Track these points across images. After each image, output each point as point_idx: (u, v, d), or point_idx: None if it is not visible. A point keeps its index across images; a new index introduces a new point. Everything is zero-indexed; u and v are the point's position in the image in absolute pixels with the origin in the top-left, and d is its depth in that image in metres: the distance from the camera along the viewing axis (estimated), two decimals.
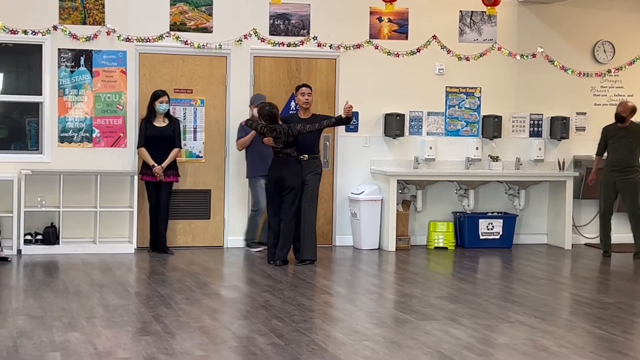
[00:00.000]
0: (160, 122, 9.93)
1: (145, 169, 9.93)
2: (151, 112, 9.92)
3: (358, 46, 10.91)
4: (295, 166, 9.37)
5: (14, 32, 9.90)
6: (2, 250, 9.24)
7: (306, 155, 9.40)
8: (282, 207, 9.35)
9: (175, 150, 9.96)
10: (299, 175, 9.36)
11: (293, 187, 9.33)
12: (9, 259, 9.13)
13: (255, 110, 9.89)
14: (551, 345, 6.23)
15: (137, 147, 9.98)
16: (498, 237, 11.09)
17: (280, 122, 9.32)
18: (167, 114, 9.98)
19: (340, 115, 9.48)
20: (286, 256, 9.39)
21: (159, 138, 9.88)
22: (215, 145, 10.54)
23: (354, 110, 9.67)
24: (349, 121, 9.52)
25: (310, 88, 9.67)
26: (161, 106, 9.87)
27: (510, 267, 9.97)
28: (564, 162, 11.46)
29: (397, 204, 10.78)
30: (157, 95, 9.89)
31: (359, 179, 10.87)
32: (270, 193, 9.49)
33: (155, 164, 9.80)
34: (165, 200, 10.00)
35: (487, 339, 6.40)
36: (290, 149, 9.34)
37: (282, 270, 9.08)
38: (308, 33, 10.76)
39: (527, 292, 8.25)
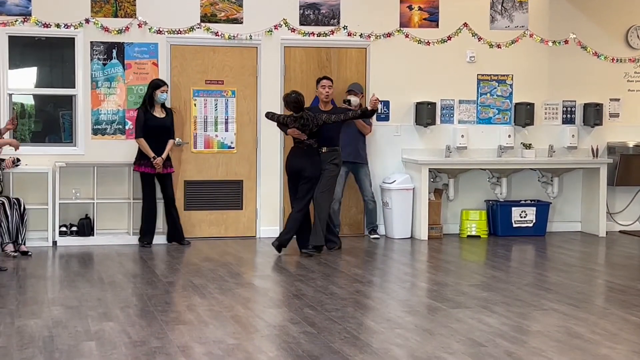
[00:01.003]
0: (159, 113, 9.91)
1: (142, 160, 9.84)
2: (150, 102, 9.86)
3: (388, 35, 10.88)
4: (316, 158, 9.35)
5: (46, 25, 9.99)
6: (24, 244, 9.30)
7: (325, 148, 9.37)
8: (296, 196, 9.39)
9: (171, 141, 9.98)
10: (318, 167, 9.34)
11: (310, 178, 9.30)
12: (30, 254, 9.22)
13: (353, 99, 10.03)
14: (585, 332, 6.19)
15: (136, 138, 9.90)
16: (531, 225, 11.03)
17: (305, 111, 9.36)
18: (162, 105, 9.94)
19: (366, 107, 9.42)
20: (286, 243, 9.37)
21: (159, 129, 9.84)
22: (247, 136, 10.58)
23: (384, 99, 9.65)
24: (374, 113, 9.49)
25: (331, 80, 9.73)
26: (162, 95, 9.84)
27: (544, 255, 9.90)
28: (597, 149, 11.37)
29: (429, 193, 10.75)
30: (157, 84, 9.85)
31: (391, 168, 10.86)
32: (289, 183, 9.53)
33: (156, 156, 9.79)
34: (172, 192, 10.01)
35: (520, 326, 6.38)
36: (312, 139, 9.33)
37: (314, 260, 9.10)
38: (338, 22, 10.75)
39: (560, 280, 8.20)
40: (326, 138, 9.40)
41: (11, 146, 8.86)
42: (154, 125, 9.81)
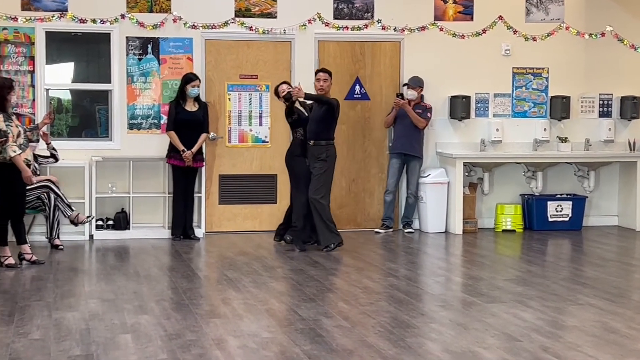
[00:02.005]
0: (190, 107, 9.93)
1: (173, 153, 9.90)
2: (182, 96, 9.90)
3: (423, 28, 10.84)
4: (292, 148, 9.45)
5: (83, 21, 10.07)
6: (58, 238, 9.41)
7: (312, 141, 9.27)
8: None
9: (204, 135, 9.99)
10: (290, 157, 9.41)
11: (288, 170, 9.52)
12: (62, 247, 9.31)
13: (410, 92, 10.20)
14: (621, 328, 6.14)
15: (167, 131, 9.96)
16: (567, 219, 10.95)
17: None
18: (197, 99, 9.98)
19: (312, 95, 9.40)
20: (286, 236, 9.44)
21: (190, 122, 9.86)
22: (281, 130, 10.59)
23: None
24: (320, 102, 9.26)
25: (328, 73, 9.40)
26: (193, 90, 9.87)
27: (580, 250, 9.82)
28: (634, 142, 11.24)
29: (464, 187, 10.71)
30: (189, 78, 9.88)
31: (425, 162, 10.82)
32: None
33: (185, 149, 9.82)
34: (192, 186, 10.05)
35: (555, 321, 6.34)
36: (294, 129, 9.46)
37: (348, 254, 9.10)
38: (372, 16, 10.73)
39: (596, 275, 8.13)
40: (312, 130, 9.28)
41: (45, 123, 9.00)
42: (185, 119, 9.85)
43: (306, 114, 9.41)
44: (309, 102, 9.40)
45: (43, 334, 5.90)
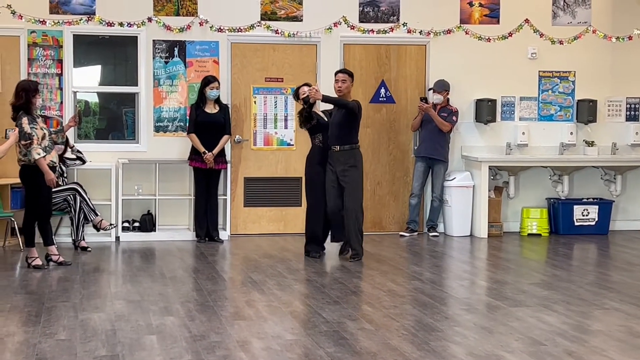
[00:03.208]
0: (211, 109, 9.95)
1: (194, 155, 9.93)
2: (202, 98, 9.93)
3: (448, 32, 10.83)
4: (311, 155, 9.11)
5: (110, 24, 10.15)
6: (84, 240, 9.46)
7: (337, 147, 8.85)
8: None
9: (226, 137, 10.01)
10: (308, 165, 9.09)
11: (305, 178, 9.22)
12: (90, 249, 9.37)
13: (435, 96, 10.24)
14: None
15: (188, 133, 10.00)
16: (593, 223, 10.88)
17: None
18: (217, 101, 10.00)
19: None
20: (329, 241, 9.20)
21: (210, 124, 9.88)
22: (306, 133, 10.57)
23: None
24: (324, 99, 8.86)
25: (347, 74, 8.98)
26: (212, 92, 9.89)
27: (606, 254, 9.77)
28: None
29: (489, 190, 10.68)
30: (207, 80, 9.89)
31: (450, 166, 10.79)
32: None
33: (206, 151, 9.84)
34: (215, 188, 10.07)
35: (580, 325, 6.30)
36: (313, 135, 9.14)
37: (372, 257, 9.10)
38: (398, 19, 10.73)
39: (623, 279, 8.08)
40: (334, 135, 8.87)
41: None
42: (205, 121, 9.88)
43: (326, 119, 9.04)
44: (327, 105, 9.15)
45: (69, 334, 5.95)
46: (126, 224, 10.13)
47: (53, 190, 8.58)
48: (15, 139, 8.05)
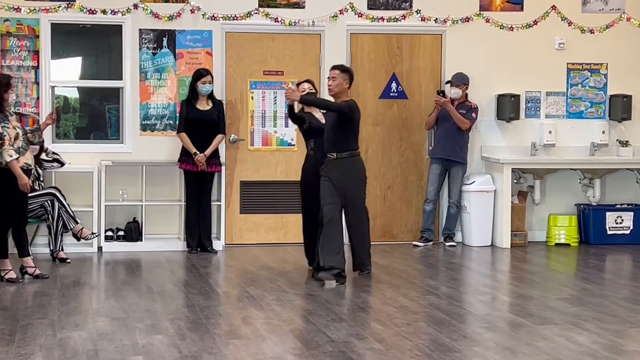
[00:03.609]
0: (203, 105, 9.99)
1: (185, 157, 9.95)
2: (193, 94, 9.96)
3: (467, 19, 10.87)
4: (306, 165, 8.89)
5: (92, 12, 10.20)
6: (62, 250, 9.49)
7: (334, 154, 8.45)
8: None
9: (219, 136, 10.04)
10: (305, 175, 8.87)
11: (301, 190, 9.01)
12: (69, 261, 9.39)
13: (453, 90, 10.35)
14: None
15: (177, 132, 10.05)
16: (628, 232, 10.92)
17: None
18: (210, 96, 10.03)
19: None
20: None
21: (202, 122, 9.90)
22: None
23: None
24: (313, 103, 8.65)
25: (340, 70, 8.54)
26: (204, 87, 9.91)
27: None
28: None
29: (512, 196, 10.72)
30: (199, 74, 9.93)
31: (469, 168, 10.83)
32: None
33: (198, 152, 9.87)
34: (208, 193, 10.11)
35: (613, 345, 6.31)
36: (307, 141, 8.89)
37: (382, 269, 9.13)
38: (410, 6, 10.77)
39: None
40: (330, 140, 8.49)
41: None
42: (197, 119, 9.91)
43: (322, 122, 8.71)
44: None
45: (47, 355, 5.94)
46: (109, 233, 10.17)
47: (29, 195, 8.60)
48: None
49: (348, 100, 8.46)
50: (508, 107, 10.83)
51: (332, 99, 8.61)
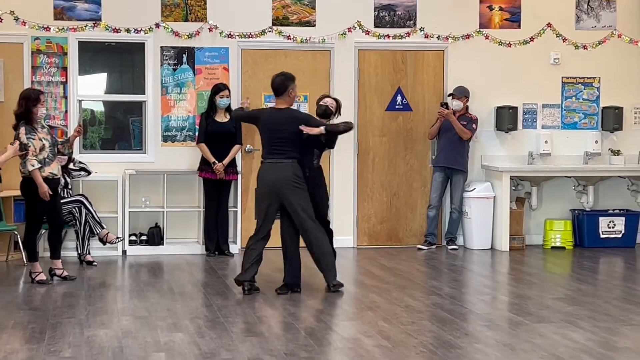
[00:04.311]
0: (221, 118, 10.00)
1: (204, 166, 9.97)
2: (212, 107, 9.99)
3: (467, 36, 10.85)
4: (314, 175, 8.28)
5: (116, 30, 10.22)
6: (89, 253, 9.50)
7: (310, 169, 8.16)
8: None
9: (237, 146, 10.05)
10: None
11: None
12: (96, 263, 9.41)
13: (455, 102, 10.34)
14: None
15: (197, 143, 10.06)
16: (620, 236, 10.87)
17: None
18: (228, 109, 10.03)
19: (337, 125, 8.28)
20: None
21: (220, 134, 9.92)
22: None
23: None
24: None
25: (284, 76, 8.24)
26: (222, 101, 9.93)
27: (633, 268, 9.75)
28: None
29: (511, 202, 10.68)
30: (217, 89, 9.95)
31: (470, 176, 10.80)
32: None
33: (216, 161, 9.88)
34: (226, 200, 10.10)
35: (607, 342, 6.29)
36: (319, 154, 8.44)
37: (389, 271, 9.12)
38: (414, 24, 10.76)
39: None
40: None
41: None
42: (216, 130, 9.93)
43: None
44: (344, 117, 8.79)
45: (75, 352, 5.97)
46: (133, 238, 10.17)
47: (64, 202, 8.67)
48: (15, 151, 7.97)
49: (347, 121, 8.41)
50: (506, 119, 10.81)
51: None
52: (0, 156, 7.93)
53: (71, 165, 9.50)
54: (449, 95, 10.60)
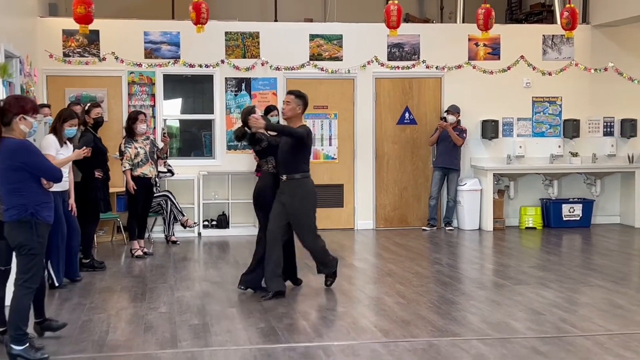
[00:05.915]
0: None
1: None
2: None
3: (459, 67, 10.88)
4: (263, 183, 6.76)
5: (192, 65, 10.35)
6: (174, 235, 9.60)
7: (284, 176, 6.55)
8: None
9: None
10: (260, 193, 6.71)
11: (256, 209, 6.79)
12: (179, 242, 9.49)
13: (450, 117, 10.31)
14: (625, 304, 6.12)
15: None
16: (578, 218, 10.85)
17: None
18: None
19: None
20: (257, 284, 6.65)
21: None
22: (346, 149, 10.73)
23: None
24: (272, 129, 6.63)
25: (294, 95, 6.71)
26: (272, 118, 9.74)
27: (589, 242, 9.73)
28: (632, 156, 11.11)
29: (494, 193, 10.69)
30: (269, 109, 9.71)
31: (462, 173, 10.80)
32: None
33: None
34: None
35: (571, 299, 6.34)
36: (264, 159, 6.82)
37: (402, 246, 9.14)
38: (418, 58, 10.81)
39: (604, 262, 8.07)
40: (282, 163, 6.57)
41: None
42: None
43: (277, 140, 6.70)
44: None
45: (169, 308, 6.10)
46: (206, 223, 10.28)
47: (154, 195, 8.76)
48: (77, 155, 6.47)
49: (304, 125, 6.66)
50: (490, 129, 10.82)
51: (286, 121, 6.79)
52: (64, 158, 6.56)
53: (161, 167, 9.60)
54: (446, 112, 10.63)
